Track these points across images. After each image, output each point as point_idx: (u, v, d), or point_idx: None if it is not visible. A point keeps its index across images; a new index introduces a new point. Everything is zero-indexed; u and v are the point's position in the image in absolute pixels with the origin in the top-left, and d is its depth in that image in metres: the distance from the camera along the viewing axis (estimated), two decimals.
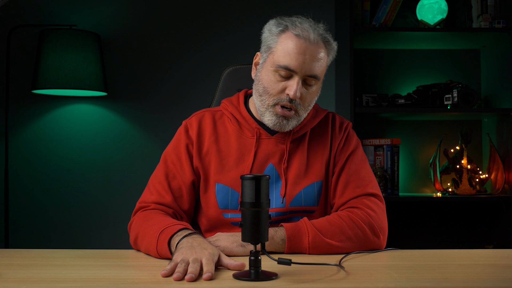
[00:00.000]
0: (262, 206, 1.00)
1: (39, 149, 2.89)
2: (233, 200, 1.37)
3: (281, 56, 1.32)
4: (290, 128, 1.39)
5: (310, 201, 1.39)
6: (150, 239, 1.23)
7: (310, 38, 1.32)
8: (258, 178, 1.00)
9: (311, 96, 1.37)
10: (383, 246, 1.34)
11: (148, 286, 0.95)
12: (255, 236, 1.00)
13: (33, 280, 0.98)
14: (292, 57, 1.31)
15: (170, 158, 1.43)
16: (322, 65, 1.35)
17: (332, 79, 2.90)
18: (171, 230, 1.20)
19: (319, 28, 1.35)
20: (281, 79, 1.33)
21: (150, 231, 1.25)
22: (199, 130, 1.44)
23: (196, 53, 2.91)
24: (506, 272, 1.06)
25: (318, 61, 1.33)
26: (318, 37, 1.33)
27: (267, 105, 1.36)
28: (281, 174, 1.39)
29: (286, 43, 1.32)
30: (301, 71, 1.31)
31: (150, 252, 1.23)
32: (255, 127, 1.42)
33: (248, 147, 1.41)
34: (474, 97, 2.60)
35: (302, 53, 1.31)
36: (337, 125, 1.47)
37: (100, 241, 2.86)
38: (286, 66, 1.31)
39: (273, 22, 1.38)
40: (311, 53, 1.32)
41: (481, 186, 2.72)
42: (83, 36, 2.65)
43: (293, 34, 1.32)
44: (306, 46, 1.31)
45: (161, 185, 1.40)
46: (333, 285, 0.94)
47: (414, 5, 2.81)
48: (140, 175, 2.87)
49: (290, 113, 1.35)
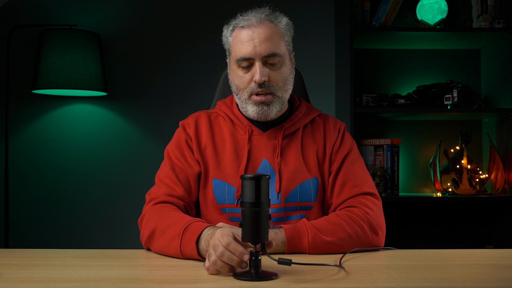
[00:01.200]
0: (262, 206, 1.00)
1: (39, 149, 2.89)
2: (230, 195, 1.39)
3: (236, 51, 1.39)
4: (276, 112, 1.41)
5: (306, 197, 1.40)
6: (173, 238, 1.21)
7: (253, 23, 1.38)
8: (258, 178, 1.00)
9: (281, 75, 1.40)
10: (382, 244, 1.35)
11: (148, 286, 0.95)
12: (255, 236, 1.00)
13: (33, 280, 0.98)
14: (243, 46, 1.37)
15: (174, 154, 1.45)
16: (277, 42, 1.38)
17: (332, 79, 2.90)
18: (195, 229, 1.18)
19: (262, 12, 1.40)
20: (245, 71, 1.39)
21: (171, 228, 1.23)
22: (196, 128, 1.47)
23: (196, 53, 2.91)
24: (506, 272, 1.06)
25: (270, 39, 1.37)
26: (263, 18, 1.39)
27: (244, 99, 1.41)
28: (275, 169, 1.41)
29: (236, 38, 1.40)
30: (256, 54, 1.36)
31: (170, 250, 1.21)
32: (247, 124, 1.46)
33: (241, 144, 1.44)
34: (474, 97, 2.60)
35: (250, 39, 1.36)
36: (331, 125, 1.50)
37: (100, 241, 2.86)
38: (242, 57, 1.37)
39: (225, 27, 1.46)
40: (258, 35, 1.36)
41: (481, 186, 2.72)
42: (83, 36, 2.65)
43: (239, 27, 1.39)
44: (252, 31, 1.37)
45: (169, 178, 1.40)
46: (333, 285, 0.94)
47: (414, 5, 2.81)
48: (140, 175, 2.87)
49: (266, 98, 1.39)
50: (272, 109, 1.40)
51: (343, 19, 2.71)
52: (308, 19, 2.88)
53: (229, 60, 1.45)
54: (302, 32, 2.85)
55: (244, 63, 1.38)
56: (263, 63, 1.37)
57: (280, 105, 1.42)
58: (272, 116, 1.41)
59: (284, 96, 1.42)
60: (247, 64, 1.38)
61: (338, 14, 2.84)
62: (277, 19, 1.41)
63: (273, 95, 1.39)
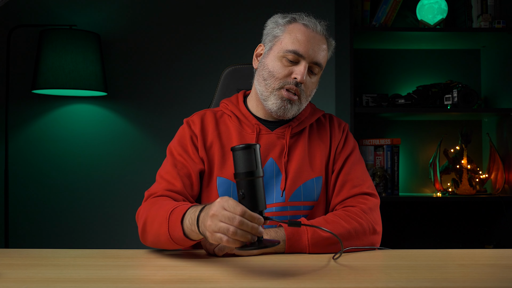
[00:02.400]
0: (257, 174, 1.00)
1: (39, 149, 2.89)
2: (234, 194, 1.39)
3: (289, 42, 1.40)
4: (292, 114, 1.43)
5: (309, 196, 1.41)
6: (161, 221, 1.19)
7: (317, 28, 1.42)
8: (249, 146, 1.01)
9: (312, 86, 1.45)
10: (379, 243, 1.36)
11: (148, 286, 0.95)
12: (254, 205, 1.00)
13: (33, 280, 0.98)
14: (301, 43, 1.39)
15: (177, 151, 1.43)
16: (325, 56, 1.45)
17: (332, 79, 2.90)
18: (181, 209, 1.16)
19: (322, 24, 1.45)
20: (288, 64, 1.41)
21: (159, 214, 1.21)
22: (202, 126, 1.46)
23: (196, 53, 2.91)
24: (506, 272, 1.06)
25: (323, 50, 1.43)
26: (322, 30, 1.44)
27: (272, 88, 1.42)
28: (282, 168, 1.42)
29: (294, 31, 1.41)
30: (309, 57, 1.40)
31: (161, 237, 1.19)
32: (254, 123, 1.46)
33: (248, 142, 1.44)
34: (474, 97, 2.60)
35: (310, 41, 1.40)
36: (335, 125, 1.52)
37: (100, 241, 2.86)
38: (295, 51, 1.39)
39: (278, 15, 1.47)
40: (317, 42, 1.41)
41: (481, 186, 2.72)
42: (83, 36, 2.65)
43: (301, 23, 1.42)
44: (313, 35, 1.41)
45: (169, 174, 1.39)
46: (333, 285, 0.95)
47: (414, 5, 2.81)
48: (140, 175, 2.87)
49: (294, 97, 1.41)
50: (292, 109, 1.42)
51: (343, 19, 2.71)
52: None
53: (271, 45, 1.44)
54: None
55: (292, 56, 1.39)
56: (308, 67, 1.41)
57: (297, 110, 1.44)
58: (289, 116, 1.43)
59: (304, 104, 1.45)
60: (293, 59, 1.40)
61: (338, 14, 2.85)
62: (329, 39, 1.47)
63: (299, 98, 1.42)
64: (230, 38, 2.90)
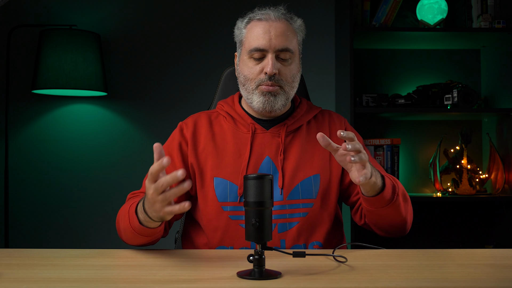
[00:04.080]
0: (266, 205, 1.01)
1: (39, 149, 2.89)
2: (232, 193, 1.40)
3: (250, 42, 1.42)
4: (281, 105, 1.42)
5: (308, 194, 1.41)
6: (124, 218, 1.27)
7: (271, 17, 1.41)
8: (262, 177, 1.01)
9: (290, 71, 1.43)
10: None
11: (148, 286, 0.95)
12: (259, 235, 1.01)
13: (33, 280, 0.98)
14: (259, 37, 1.40)
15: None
16: (291, 39, 1.42)
17: (332, 79, 2.90)
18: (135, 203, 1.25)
19: (279, 10, 1.44)
20: (257, 62, 1.41)
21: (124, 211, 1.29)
22: (194, 130, 1.48)
23: (196, 53, 2.91)
24: (506, 272, 1.06)
25: (285, 35, 1.40)
26: (280, 15, 1.42)
27: (251, 89, 1.43)
28: (278, 166, 1.42)
29: (251, 30, 1.43)
30: (271, 47, 1.39)
31: (127, 230, 1.27)
32: (250, 122, 1.46)
33: (244, 141, 1.44)
34: (474, 97, 2.60)
35: (267, 32, 1.39)
36: (335, 120, 1.52)
37: (100, 241, 2.86)
38: (256, 47, 1.39)
39: (239, 20, 1.49)
40: (275, 29, 1.40)
41: (481, 186, 2.72)
42: (83, 36, 2.65)
43: (256, 20, 1.43)
44: (270, 24, 1.40)
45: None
46: (333, 285, 0.95)
47: (414, 5, 2.81)
48: (140, 175, 2.86)
49: (274, 88, 1.40)
50: (278, 101, 1.41)
51: (343, 19, 2.71)
52: (308, 19, 2.88)
53: (240, 51, 1.47)
54: None
55: (256, 54, 1.40)
56: (276, 57, 1.40)
57: (285, 100, 1.43)
58: (276, 108, 1.42)
59: (290, 93, 1.44)
60: (259, 56, 1.40)
61: (338, 14, 2.84)
62: (292, 19, 1.45)
63: (281, 88, 1.41)
64: (231, 38, 2.88)
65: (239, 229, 1.38)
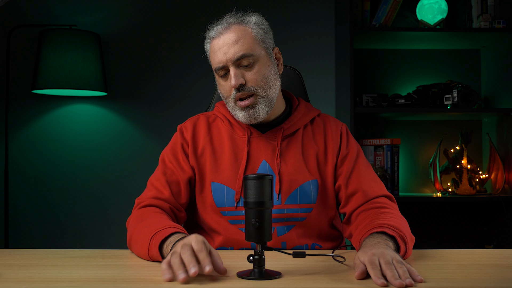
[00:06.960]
0: (266, 205, 1.01)
1: (39, 149, 2.89)
2: (229, 198, 1.39)
3: (212, 62, 1.42)
4: (264, 113, 1.39)
5: (306, 199, 1.39)
6: (142, 242, 1.20)
7: (220, 30, 1.39)
8: (261, 177, 1.01)
9: (259, 74, 1.37)
10: None
11: (148, 286, 0.95)
12: (259, 235, 1.01)
13: (33, 280, 0.98)
14: (216, 55, 1.39)
15: (168, 158, 1.45)
16: (247, 43, 1.37)
17: (332, 79, 2.90)
18: (163, 233, 1.16)
19: (229, 17, 1.42)
20: (225, 79, 1.40)
21: (143, 234, 1.21)
22: (193, 132, 1.47)
23: (196, 53, 2.91)
24: (506, 272, 1.06)
25: (237, 42, 1.37)
26: (230, 23, 1.40)
27: (231, 107, 1.41)
28: (275, 170, 1.40)
29: (210, 50, 1.43)
30: (228, 60, 1.36)
31: (142, 256, 1.21)
32: (245, 126, 1.45)
33: (240, 146, 1.43)
34: (474, 97, 2.60)
35: (219, 48, 1.38)
36: (332, 126, 1.48)
37: (100, 241, 2.86)
38: (217, 67, 1.39)
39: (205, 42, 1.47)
40: (225, 42, 1.38)
41: (481, 186, 2.72)
42: (83, 36, 2.65)
43: (211, 39, 1.42)
44: (219, 39, 1.39)
45: (159, 181, 1.41)
46: (333, 285, 0.95)
47: (414, 5, 2.81)
48: (140, 175, 2.87)
49: (249, 101, 1.37)
50: (259, 111, 1.38)
51: (343, 19, 2.71)
52: (308, 19, 2.88)
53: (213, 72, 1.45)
54: (302, 32, 2.85)
55: (221, 71, 1.39)
56: (237, 67, 1.36)
57: (267, 105, 1.39)
58: (261, 117, 1.39)
59: (269, 94, 1.38)
60: (224, 72, 1.38)
61: (338, 14, 2.85)
62: (244, 20, 1.41)
63: (256, 95, 1.37)
64: None
65: (239, 233, 1.38)
